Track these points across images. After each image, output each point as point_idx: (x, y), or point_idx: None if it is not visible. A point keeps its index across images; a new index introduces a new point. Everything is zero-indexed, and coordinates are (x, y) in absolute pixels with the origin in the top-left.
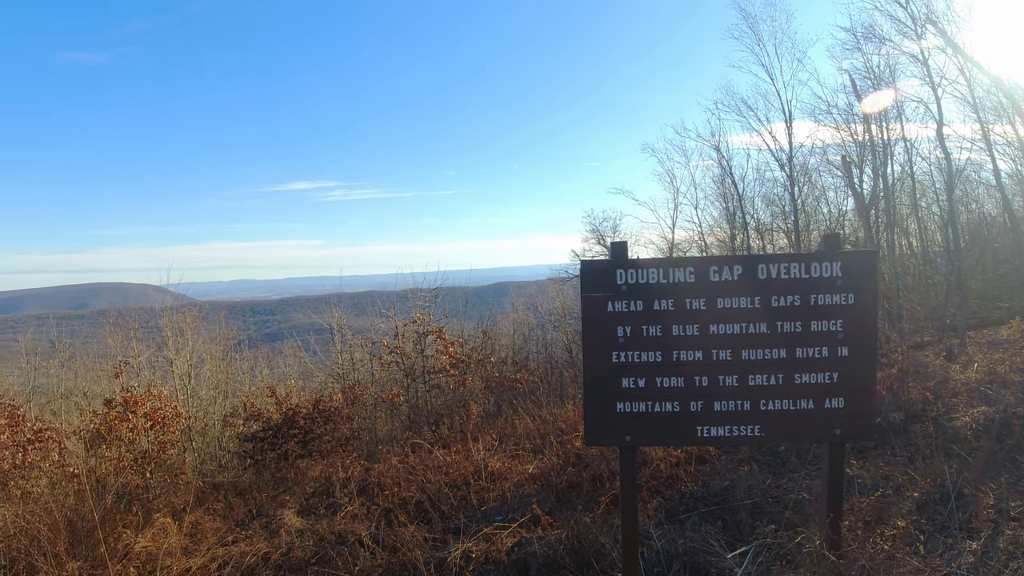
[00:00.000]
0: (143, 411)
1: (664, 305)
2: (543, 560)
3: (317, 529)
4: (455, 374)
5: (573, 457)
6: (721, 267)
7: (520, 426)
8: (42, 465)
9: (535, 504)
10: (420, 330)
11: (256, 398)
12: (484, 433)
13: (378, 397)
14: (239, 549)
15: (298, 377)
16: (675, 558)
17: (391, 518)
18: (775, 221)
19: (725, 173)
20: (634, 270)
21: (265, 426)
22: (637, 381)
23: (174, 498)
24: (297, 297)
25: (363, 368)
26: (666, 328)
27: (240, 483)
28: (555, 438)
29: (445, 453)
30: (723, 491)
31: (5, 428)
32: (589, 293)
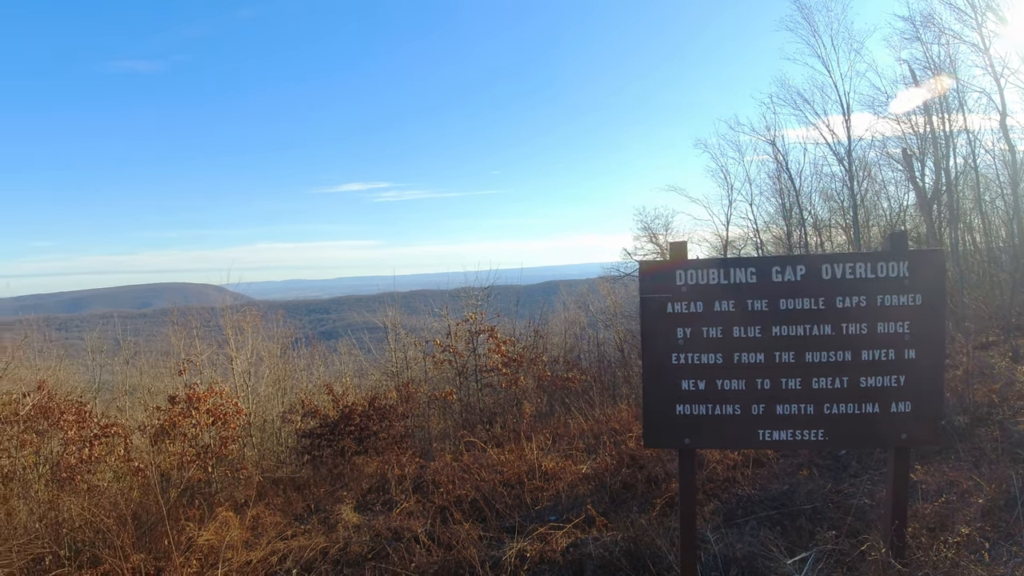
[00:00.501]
0: (205, 407)
1: (725, 306)
2: (598, 561)
3: (373, 525)
4: (507, 373)
5: (627, 458)
6: (784, 267)
7: (573, 426)
8: (108, 459)
9: (590, 505)
10: (472, 329)
11: (313, 395)
12: (537, 432)
13: (431, 395)
14: (298, 543)
15: (353, 375)
16: (733, 563)
17: (446, 516)
18: (833, 217)
19: (781, 168)
20: (694, 270)
21: (322, 423)
22: (697, 383)
23: (235, 492)
24: (349, 296)
25: (416, 366)
26: (727, 330)
27: (298, 478)
28: (609, 438)
29: (499, 452)
30: (782, 495)
31: (72, 424)
32: (648, 294)
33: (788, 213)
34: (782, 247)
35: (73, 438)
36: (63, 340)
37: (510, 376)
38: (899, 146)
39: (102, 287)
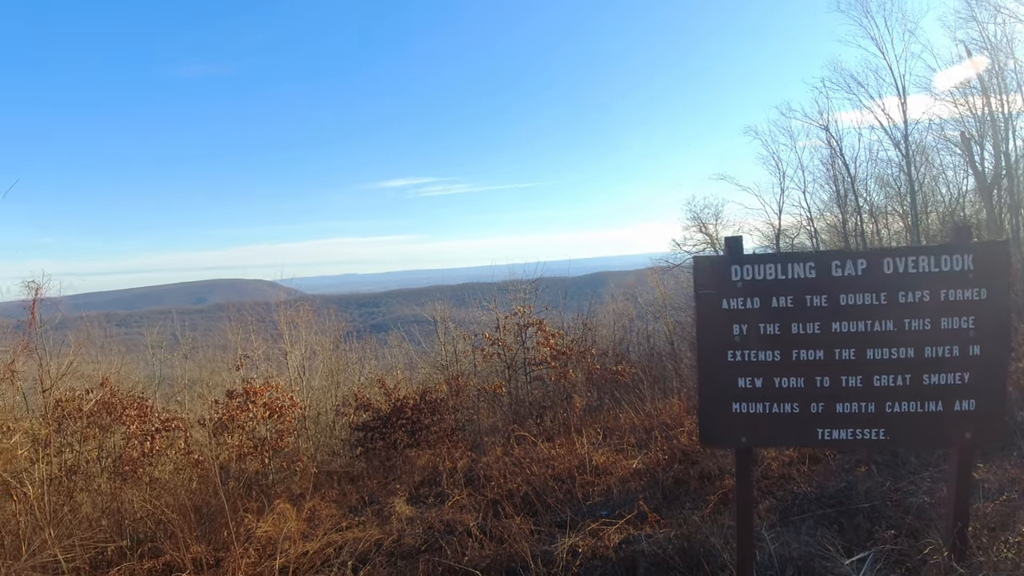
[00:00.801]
0: (262, 401)
1: (783, 302)
2: (651, 559)
3: (426, 517)
4: (556, 366)
5: (680, 453)
6: (844, 262)
7: (624, 419)
8: (168, 453)
9: (642, 501)
10: (521, 322)
11: (365, 388)
12: (587, 426)
13: (480, 388)
14: (353, 535)
15: (404, 368)
16: (789, 562)
17: (498, 509)
18: (889, 203)
19: (835, 154)
20: (750, 266)
21: (375, 416)
22: (754, 381)
23: (291, 484)
24: (399, 290)
25: (466, 359)
26: (785, 326)
27: (352, 470)
28: (660, 433)
29: (549, 446)
30: (839, 493)
31: (134, 419)
32: (703, 290)
33: (843, 200)
34: (837, 235)
35: (135, 432)
36: (123, 335)
37: (559, 369)
38: (957, 129)
39: (159, 284)
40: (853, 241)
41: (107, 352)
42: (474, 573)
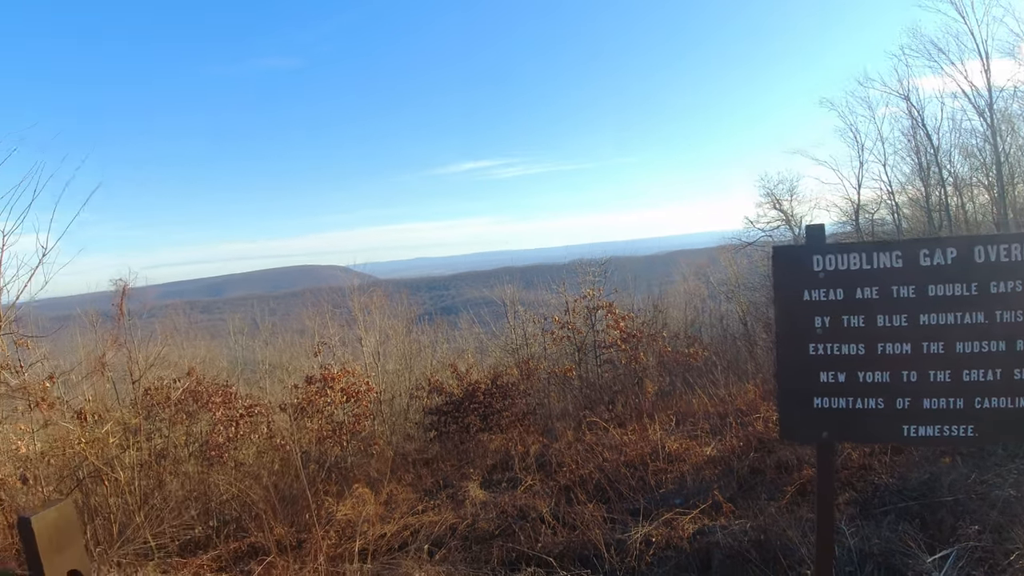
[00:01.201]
0: (339, 386)
1: (868, 293)
2: (726, 551)
3: (499, 502)
4: (626, 349)
5: (755, 441)
6: (932, 250)
7: (696, 404)
8: (251, 437)
9: (716, 490)
10: (590, 305)
11: (437, 371)
12: (659, 411)
13: (551, 372)
14: (428, 518)
15: (474, 351)
16: (868, 558)
17: (570, 496)
18: (974, 175)
19: (916, 125)
20: (833, 256)
21: (448, 400)
22: (837, 375)
23: (368, 467)
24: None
25: (535, 343)
26: (870, 318)
27: (426, 453)
28: (735, 419)
29: (621, 432)
30: (921, 485)
31: (220, 405)
32: (782, 281)
33: (925, 173)
34: (919, 210)
35: (220, 419)
36: (206, 322)
37: (629, 352)
38: None
39: (238, 273)
40: (936, 216)
41: (192, 338)
42: (547, 559)
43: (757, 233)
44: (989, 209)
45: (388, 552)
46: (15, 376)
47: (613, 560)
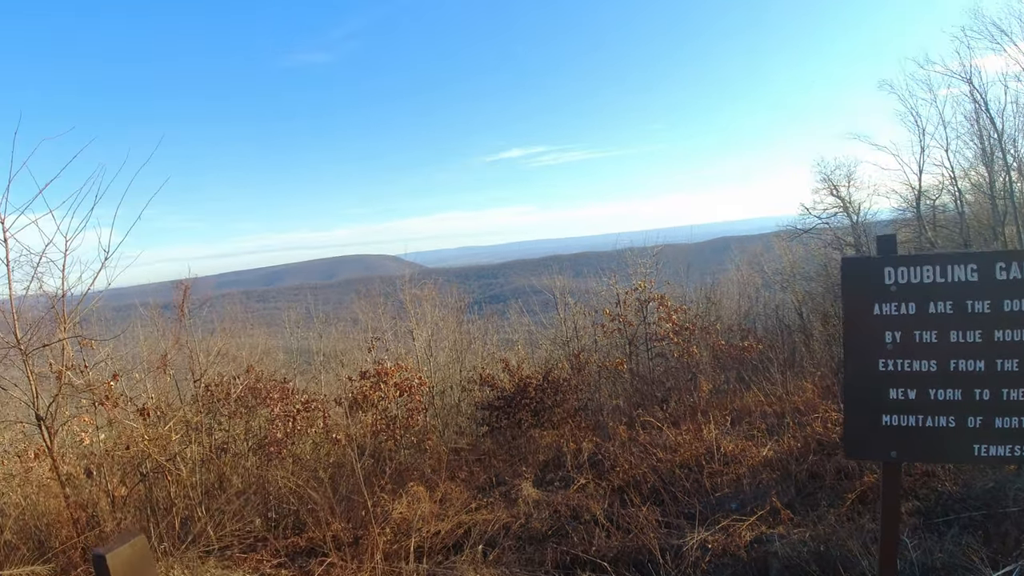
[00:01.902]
0: (393, 381)
1: (941, 308)
2: (784, 561)
3: (552, 501)
4: (679, 342)
5: (814, 443)
6: (1009, 263)
7: (751, 402)
8: (308, 431)
9: (774, 496)
10: (642, 297)
11: (488, 364)
12: (713, 409)
13: (601, 365)
14: (482, 516)
15: (524, 343)
16: (931, 572)
17: (624, 497)
18: None
19: (979, 109)
20: (905, 268)
21: (499, 396)
22: (907, 392)
23: (421, 462)
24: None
25: (586, 335)
26: (943, 334)
27: (478, 449)
28: (792, 419)
29: (675, 432)
30: (986, 494)
31: (278, 401)
32: (852, 293)
33: (989, 158)
34: (983, 196)
35: (279, 414)
36: (262, 311)
37: (682, 345)
38: None
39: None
40: (1001, 203)
41: (249, 327)
42: (601, 564)
43: (813, 220)
44: None
45: (443, 550)
46: (80, 376)
47: (668, 566)
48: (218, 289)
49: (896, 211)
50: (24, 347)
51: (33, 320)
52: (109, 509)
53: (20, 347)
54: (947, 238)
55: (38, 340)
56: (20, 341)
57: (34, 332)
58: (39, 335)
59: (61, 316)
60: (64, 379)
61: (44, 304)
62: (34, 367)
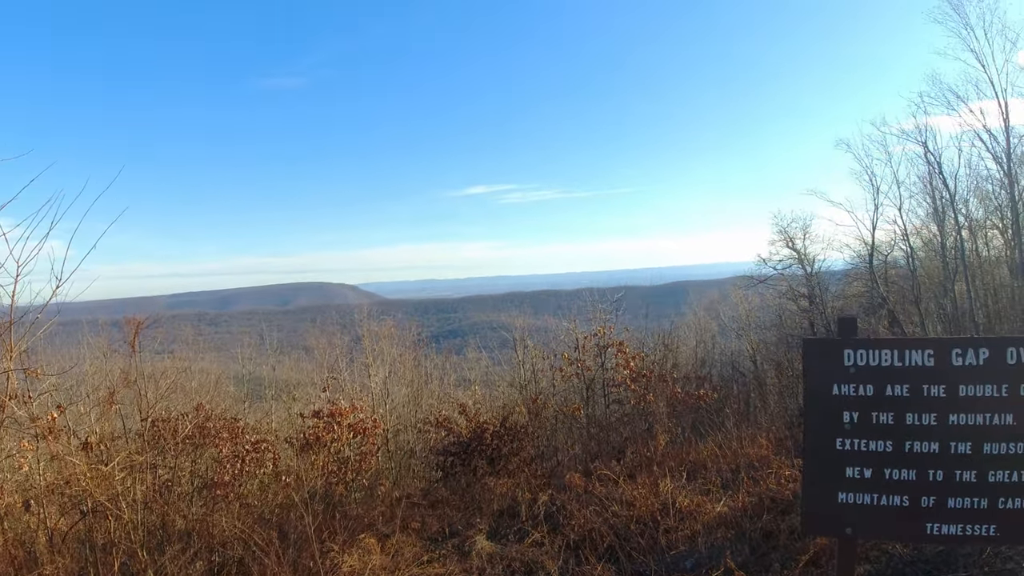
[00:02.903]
0: (347, 422)
1: (898, 391)
2: None
3: (506, 555)
4: (636, 389)
5: (768, 500)
6: (965, 350)
7: (706, 454)
8: (256, 472)
9: (728, 556)
10: (600, 343)
11: (445, 405)
12: (669, 459)
13: (559, 410)
14: (434, 570)
15: (481, 383)
16: None
17: (579, 554)
18: (989, 218)
19: (933, 172)
20: (864, 351)
21: (455, 441)
22: (863, 471)
23: (373, 509)
24: (476, 296)
25: (543, 378)
26: (899, 416)
27: (432, 494)
28: (746, 474)
29: (631, 486)
30: (936, 558)
31: (227, 441)
32: (812, 373)
33: (941, 217)
34: (934, 253)
35: (227, 455)
36: (213, 334)
37: (639, 392)
38: None
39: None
40: (952, 261)
41: (199, 354)
42: None
43: (769, 270)
44: (1004, 252)
45: None
46: (23, 406)
47: None
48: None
49: (849, 264)
50: None
51: None
52: (47, 546)
53: None
54: (898, 293)
55: None
56: None
57: None
58: None
59: (8, 346)
60: (7, 411)
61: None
62: None
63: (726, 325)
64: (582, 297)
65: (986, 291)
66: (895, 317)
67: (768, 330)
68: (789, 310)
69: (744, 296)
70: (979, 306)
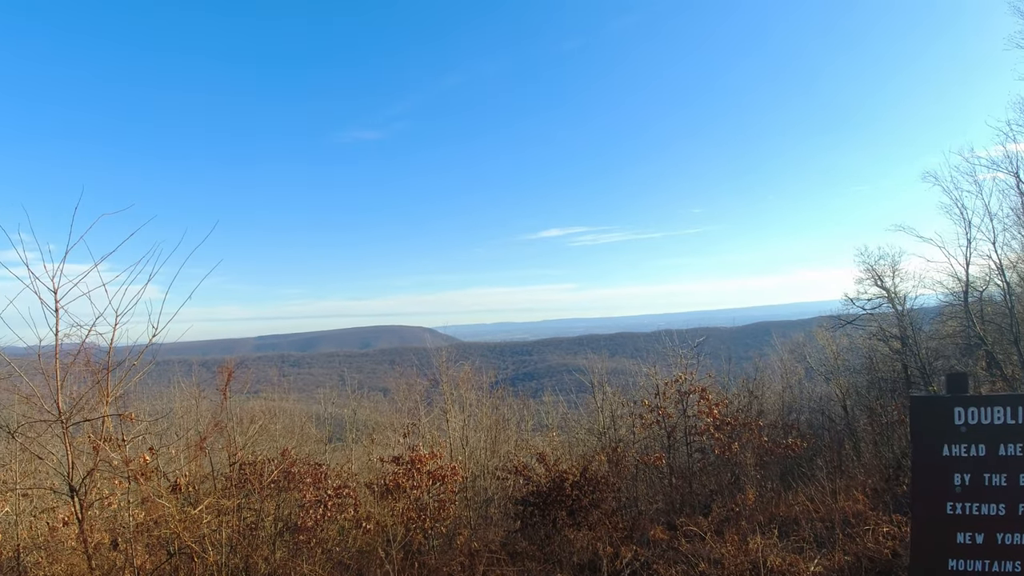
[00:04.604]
0: (427, 469)
1: (1012, 450)
2: None
3: None
4: (720, 437)
5: (866, 560)
6: None
7: (798, 508)
8: (338, 517)
9: None
10: (682, 389)
11: (522, 451)
12: (757, 512)
13: (639, 459)
14: None
15: (558, 429)
16: None
17: None
18: None
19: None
20: (976, 408)
21: (534, 491)
22: (975, 536)
23: (452, 559)
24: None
25: (623, 425)
26: (1012, 477)
27: (510, 544)
28: (841, 530)
29: (718, 542)
30: None
31: (310, 486)
32: (920, 433)
33: None
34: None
35: (310, 500)
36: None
37: (723, 441)
38: None
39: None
40: None
41: (283, 391)
42: None
43: (857, 310)
44: None
45: None
46: (116, 449)
47: None
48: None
49: (942, 302)
50: (65, 420)
51: (77, 395)
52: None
53: (62, 420)
54: (996, 332)
55: (80, 415)
56: (63, 413)
57: (76, 406)
58: (80, 409)
59: (104, 391)
60: (101, 454)
61: (86, 370)
62: (72, 437)
63: (813, 368)
64: (660, 340)
65: None
66: (993, 358)
67: (858, 373)
68: (880, 352)
69: (831, 337)
70: None
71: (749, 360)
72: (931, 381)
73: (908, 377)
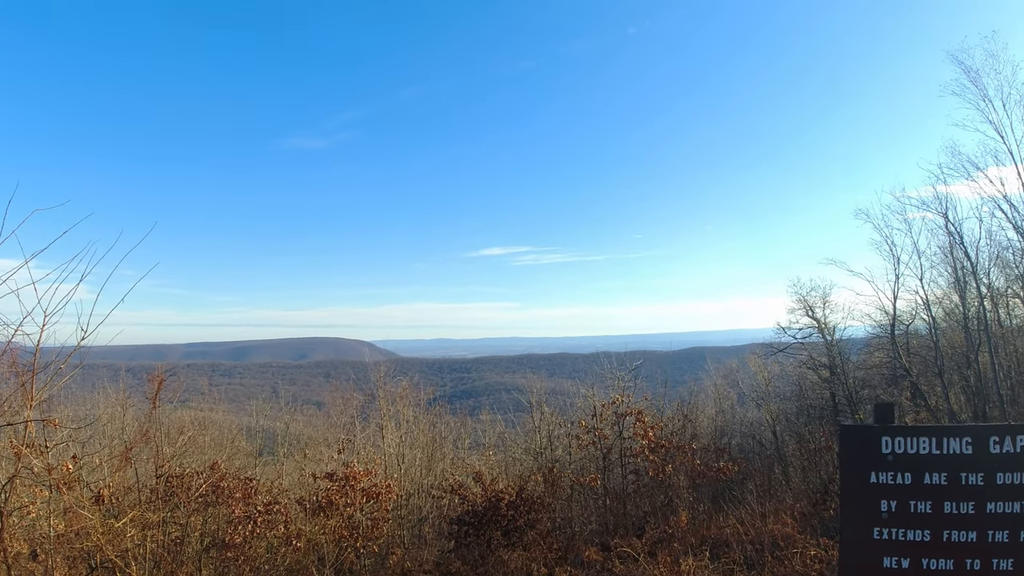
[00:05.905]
0: (361, 486)
1: (936, 479)
2: None
3: None
4: (654, 460)
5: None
6: (1003, 437)
7: (728, 528)
8: (267, 534)
9: None
10: (619, 411)
11: (458, 470)
12: (689, 534)
13: (575, 480)
14: None
15: (495, 448)
16: None
17: None
18: (1010, 286)
19: (954, 242)
20: (902, 438)
21: (469, 511)
22: (901, 561)
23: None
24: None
25: (559, 445)
26: (937, 504)
27: (444, 565)
28: (771, 553)
29: (651, 564)
30: None
31: (239, 502)
32: (848, 461)
33: (963, 287)
34: (956, 323)
35: (239, 516)
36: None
37: (657, 463)
38: None
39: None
40: (975, 332)
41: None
42: None
43: (788, 339)
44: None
45: None
46: (38, 455)
47: None
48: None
49: (870, 334)
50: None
51: None
52: None
53: None
54: (921, 363)
55: (2, 418)
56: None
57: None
58: (2, 412)
59: (29, 394)
60: (23, 460)
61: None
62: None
63: (745, 394)
64: (599, 362)
65: (1010, 361)
66: (918, 389)
67: (788, 400)
68: (809, 379)
69: (763, 364)
70: (1003, 377)
71: (684, 384)
72: (858, 409)
73: (836, 405)
